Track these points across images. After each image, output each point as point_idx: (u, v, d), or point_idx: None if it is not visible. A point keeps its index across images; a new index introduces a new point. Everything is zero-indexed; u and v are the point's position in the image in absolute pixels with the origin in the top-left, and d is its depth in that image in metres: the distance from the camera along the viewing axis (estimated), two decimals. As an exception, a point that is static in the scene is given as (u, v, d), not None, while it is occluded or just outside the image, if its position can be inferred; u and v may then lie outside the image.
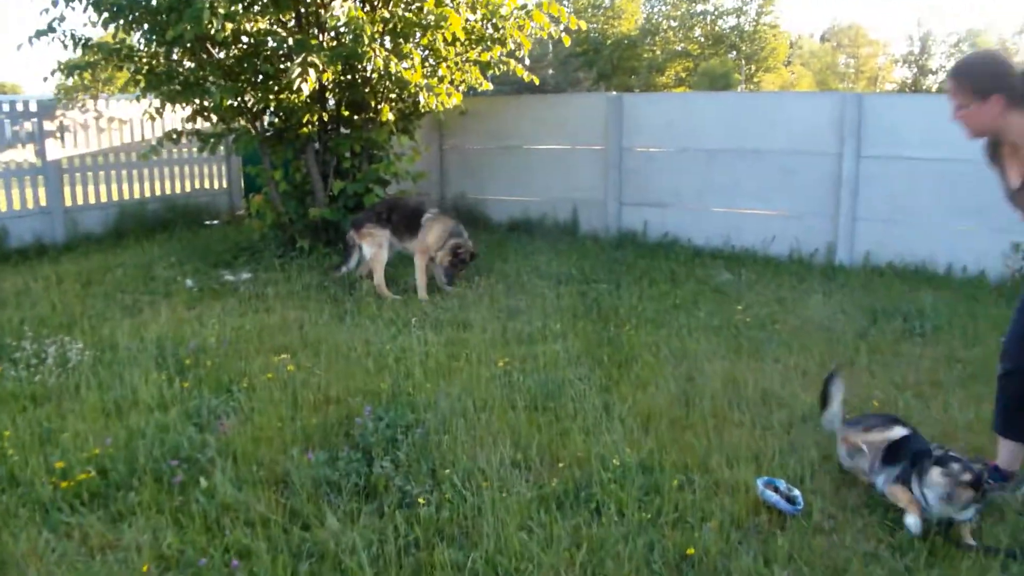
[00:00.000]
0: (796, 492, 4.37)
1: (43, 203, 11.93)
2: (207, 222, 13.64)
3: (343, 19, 9.54)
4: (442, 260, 8.80)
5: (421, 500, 4.21)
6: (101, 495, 4.43)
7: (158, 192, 13.61)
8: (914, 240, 10.20)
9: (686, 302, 8.49)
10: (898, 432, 4.57)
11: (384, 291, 8.74)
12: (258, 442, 4.92)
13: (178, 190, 13.93)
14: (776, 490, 4.38)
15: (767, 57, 56.42)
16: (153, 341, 6.84)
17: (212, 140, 10.95)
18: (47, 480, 4.51)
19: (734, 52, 55.37)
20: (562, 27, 11.23)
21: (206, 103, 10.32)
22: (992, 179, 4.49)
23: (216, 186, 14.66)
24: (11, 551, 3.90)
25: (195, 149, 12.12)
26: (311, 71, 8.93)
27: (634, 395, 5.81)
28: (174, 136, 10.73)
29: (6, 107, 11.84)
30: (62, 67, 10.38)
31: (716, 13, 55.51)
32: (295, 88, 8.99)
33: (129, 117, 13.14)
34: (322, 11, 10.14)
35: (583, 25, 10.94)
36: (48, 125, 11.92)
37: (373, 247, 8.87)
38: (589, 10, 49.59)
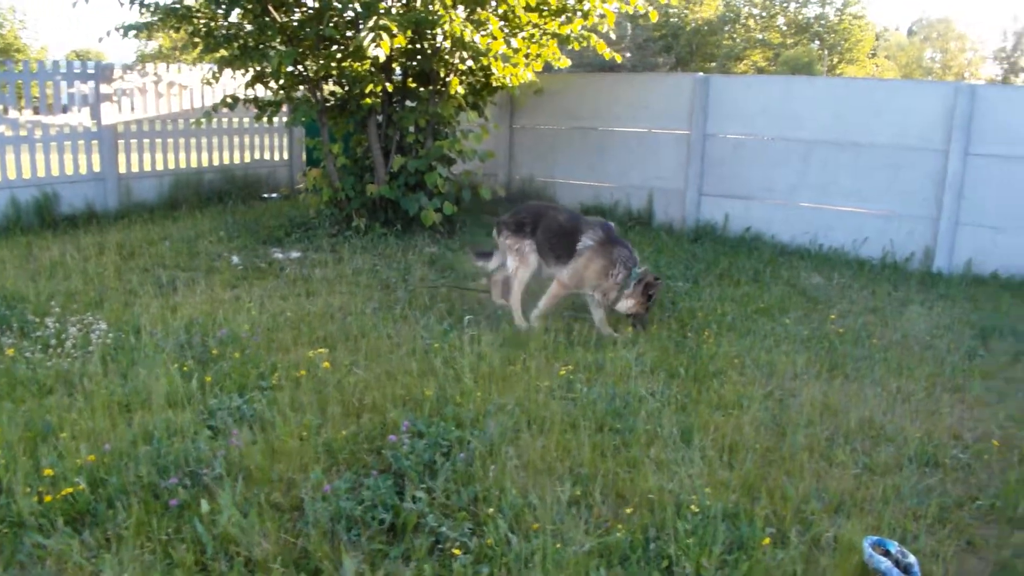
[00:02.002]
0: (911, 558, 3.58)
1: (96, 169, 11.50)
2: (265, 195, 13.15)
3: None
4: (631, 308, 6.84)
5: (456, 551, 3.48)
6: (90, 513, 3.80)
7: (216, 162, 13.09)
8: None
9: (772, 307, 7.68)
10: None
11: (519, 315, 7.08)
12: (276, 457, 4.24)
13: (236, 160, 13.39)
14: (887, 554, 3.61)
15: (851, 48, 54.80)
16: (181, 326, 6.23)
17: (270, 108, 10.39)
18: (33, 490, 3.88)
19: (817, 42, 53.86)
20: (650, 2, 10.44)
21: (266, 69, 9.75)
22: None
23: (276, 158, 14.12)
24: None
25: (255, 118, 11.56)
26: (384, 35, 8.25)
27: (716, 419, 5.02)
28: (229, 102, 10.17)
29: (63, 68, 11.41)
30: (118, 28, 9.95)
31: (800, 2, 54.01)
32: (368, 54, 8.30)
33: (189, 83, 12.64)
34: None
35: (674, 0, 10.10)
36: (105, 88, 11.45)
37: (514, 261, 7.25)
38: (671, -7, 48.49)
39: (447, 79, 10.16)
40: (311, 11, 9.80)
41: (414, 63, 10.33)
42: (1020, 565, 3.68)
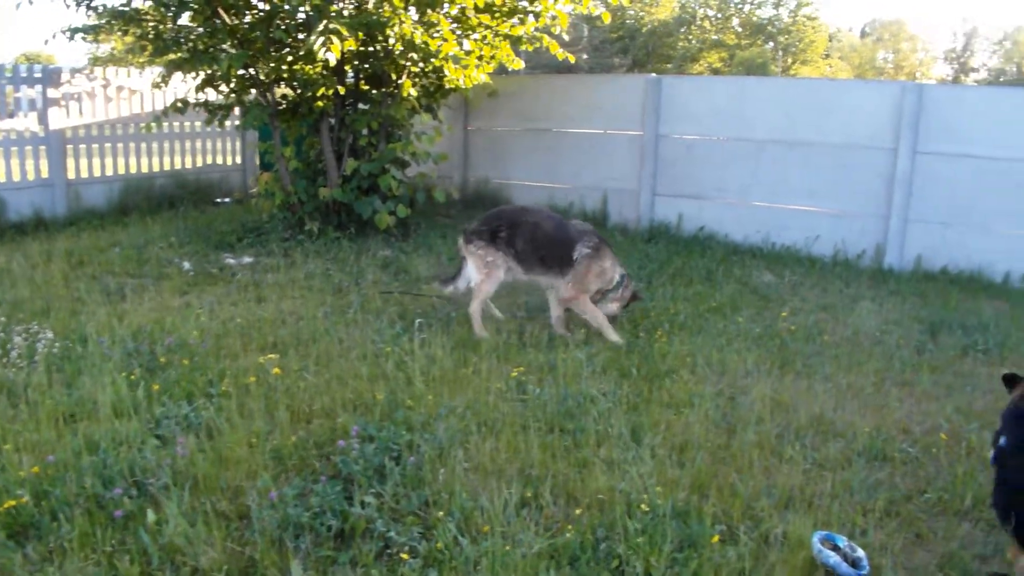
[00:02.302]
0: (860, 552, 3.61)
1: (44, 175, 11.28)
2: (218, 200, 13.00)
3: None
4: (613, 311, 6.83)
5: (405, 555, 3.47)
6: (33, 526, 3.73)
7: (167, 167, 12.91)
8: (971, 245, 9.44)
9: (724, 305, 7.74)
10: None
11: (478, 323, 6.73)
12: (224, 465, 4.20)
13: (188, 165, 13.22)
14: (836, 548, 3.64)
15: (805, 49, 55.39)
16: (129, 334, 6.14)
17: (220, 112, 10.28)
18: (-25, 504, 3.82)
19: (771, 43, 54.40)
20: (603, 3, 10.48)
21: (216, 72, 9.64)
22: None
23: (229, 162, 13.95)
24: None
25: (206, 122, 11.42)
26: (335, 39, 8.20)
27: (667, 418, 5.05)
28: (179, 106, 10.04)
29: (8, 72, 11.20)
30: (64, 31, 9.80)
31: (754, 3, 54.48)
32: (319, 58, 8.25)
33: (139, 87, 12.47)
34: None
35: (626, 1, 10.14)
36: (52, 93, 11.25)
37: (479, 272, 6.79)
38: (628, -5, 48.78)
39: (399, 81, 10.14)
40: (261, 14, 9.72)
41: (366, 65, 10.28)
42: (967, 557, 3.73)
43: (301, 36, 9.68)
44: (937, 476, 4.51)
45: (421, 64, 10.03)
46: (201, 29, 9.83)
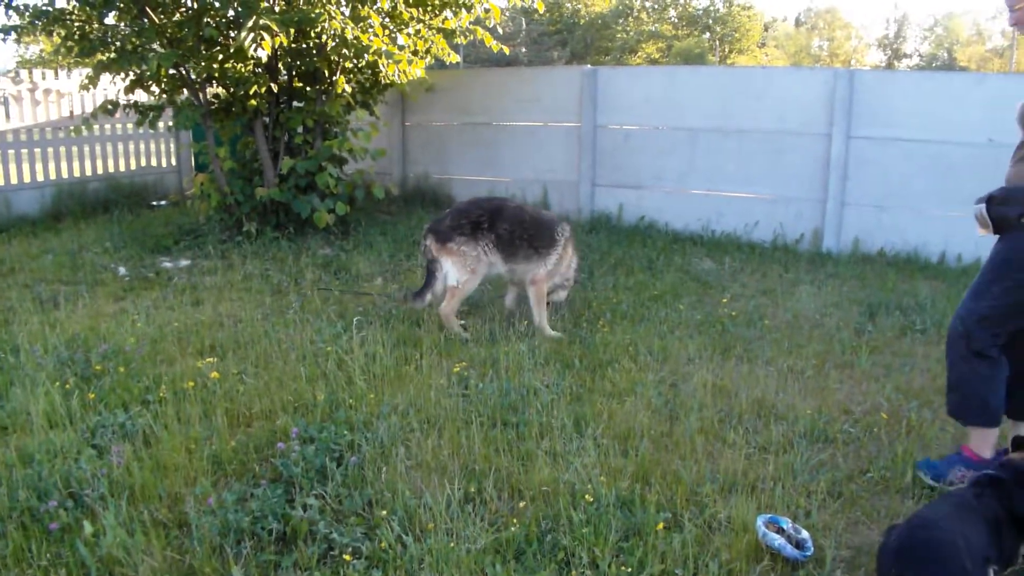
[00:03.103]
0: (804, 534, 3.65)
1: (-30, 182, 10.99)
2: (153, 203, 12.75)
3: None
4: (566, 297, 7.03)
5: (347, 556, 3.44)
6: (-36, 543, 3.63)
7: (100, 170, 12.65)
8: (906, 227, 9.65)
9: (666, 293, 7.80)
10: None
11: (452, 322, 6.51)
12: (162, 473, 4.12)
13: (122, 168, 12.96)
14: (780, 531, 3.67)
15: (741, 39, 56.15)
16: (63, 342, 6.00)
17: (151, 113, 10.09)
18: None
19: (708, 33, 55.06)
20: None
21: (145, 72, 9.46)
22: (990, 162, 3.83)
23: (164, 164, 13.72)
24: None
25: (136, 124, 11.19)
26: (266, 35, 8.09)
27: (610, 407, 5.07)
28: (109, 108, 9.83)
29: (-71, 77, 10.90)
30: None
31: (690, -7, 55.16)
32: (250, 55, 8.13)
33: (68, 89, 12.20)
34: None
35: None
36: (-24, 97, 10.99)
37: (463, 272, 6.45)
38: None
39: (333, 78, 10.05)
40: (190, 11, 9.55)
41: (299, 63, 10.17)
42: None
43: (232, 34, 9.54)
44: (878, 455, 4.57)
45: (355, 60, 9.95)
46: (128, 28, 9.64)
